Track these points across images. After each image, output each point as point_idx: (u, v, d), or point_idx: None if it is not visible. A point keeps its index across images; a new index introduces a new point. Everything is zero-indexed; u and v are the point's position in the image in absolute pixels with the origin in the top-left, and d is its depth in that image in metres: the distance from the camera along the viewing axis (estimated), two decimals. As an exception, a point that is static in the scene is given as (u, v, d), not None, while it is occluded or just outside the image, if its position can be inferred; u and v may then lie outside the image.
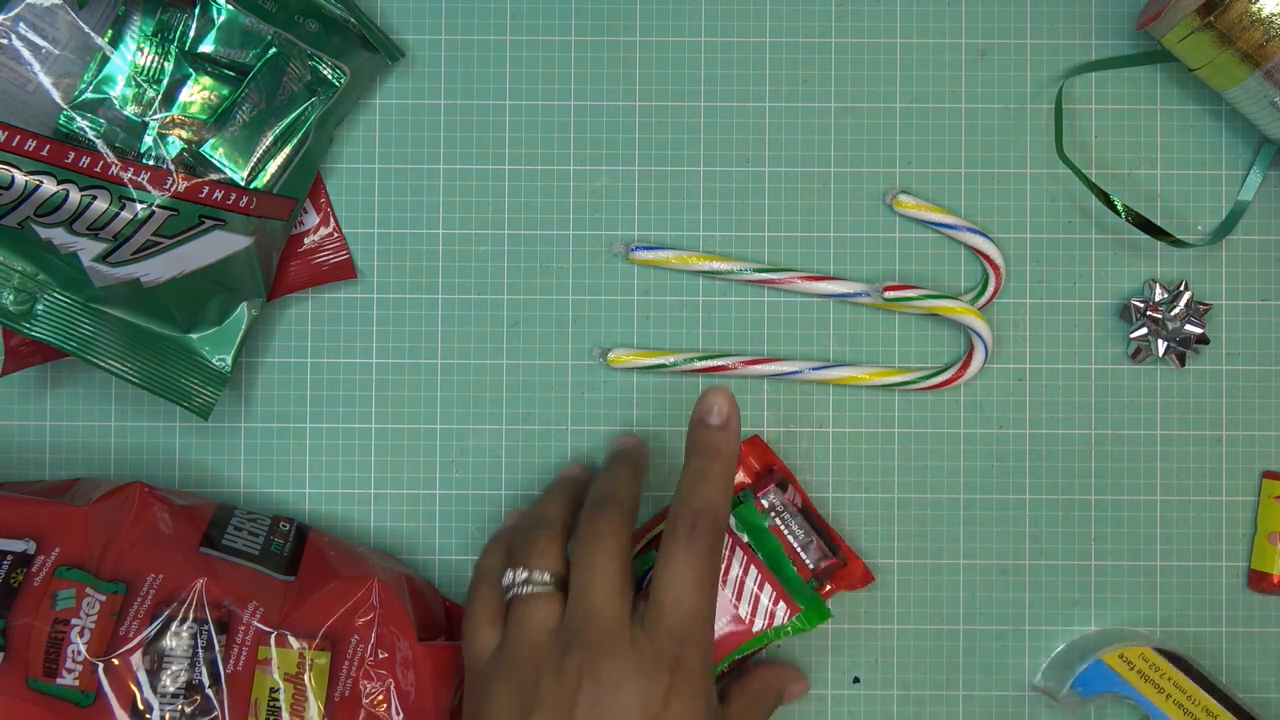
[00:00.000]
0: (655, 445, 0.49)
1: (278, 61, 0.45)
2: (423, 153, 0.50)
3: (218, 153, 0.45)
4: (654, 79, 0.49)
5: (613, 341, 0.49)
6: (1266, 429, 0.49)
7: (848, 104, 0.50)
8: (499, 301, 0.49)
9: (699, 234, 0.49)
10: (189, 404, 0.45)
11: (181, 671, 0.41)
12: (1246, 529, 0.49)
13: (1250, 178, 0.49)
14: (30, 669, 0.40)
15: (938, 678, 0.49)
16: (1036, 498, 0.50)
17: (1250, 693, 0.49)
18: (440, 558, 0.50)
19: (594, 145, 0.49)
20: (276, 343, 0.49)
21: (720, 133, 0.49)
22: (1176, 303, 0.49)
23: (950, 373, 0.49)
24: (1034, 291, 0.50)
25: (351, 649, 0.43)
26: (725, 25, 0.49)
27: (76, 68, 0.44)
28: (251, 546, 0.45)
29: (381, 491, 0.50)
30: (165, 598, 0.42)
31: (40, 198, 0.43)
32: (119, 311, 0.44)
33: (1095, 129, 0.50)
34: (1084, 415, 0.49)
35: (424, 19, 0.50)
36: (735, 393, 0.49)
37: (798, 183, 0.50)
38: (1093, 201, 0.50)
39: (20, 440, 0.49)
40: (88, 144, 0.43)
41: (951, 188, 0.50)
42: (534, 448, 0.49)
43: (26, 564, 0.42)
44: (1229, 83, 0.46)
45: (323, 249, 0.49)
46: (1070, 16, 0.49)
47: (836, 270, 0.50)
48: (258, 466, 0.49)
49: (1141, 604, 0.49)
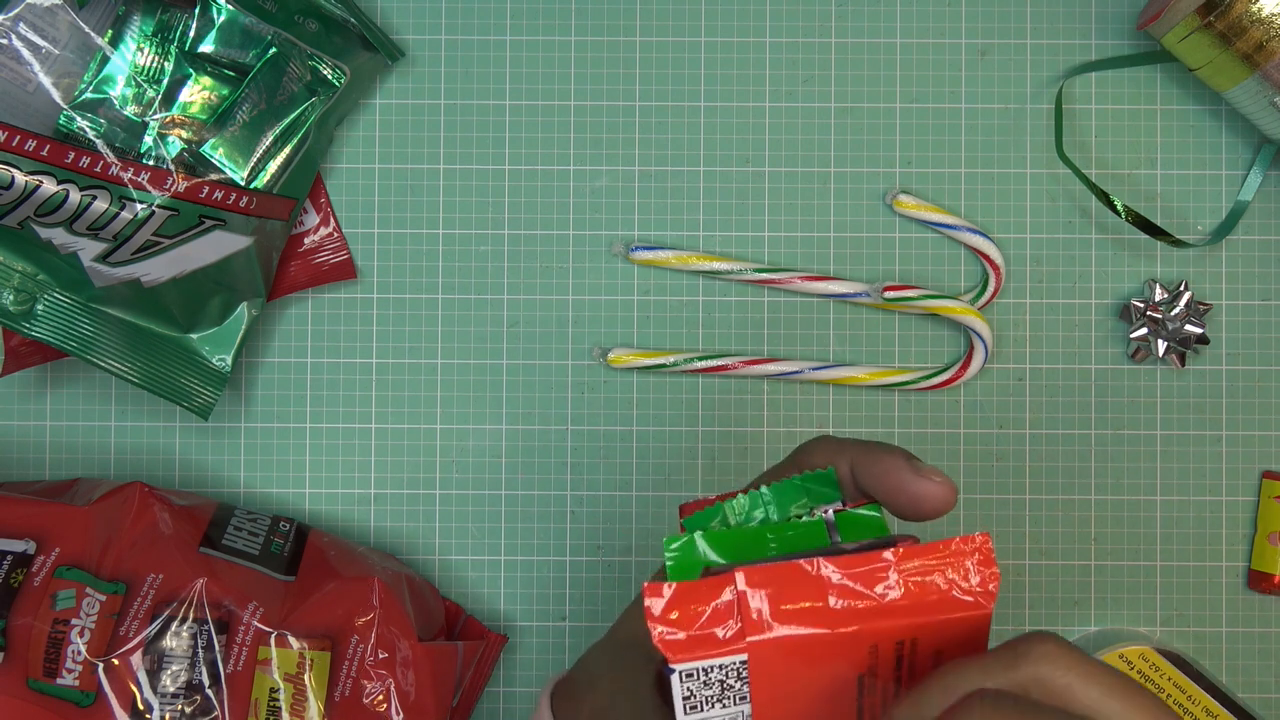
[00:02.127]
0: (655, 445, 0.49)
1: (278, 61, 0.45)
2: (423, 153, 0.50)
3: (218, 153, 0.45)
4: (654, 79, 0.49)
5: (613, 341, 0.49)
6: (1266, 429, 0.49)
7: (848, 104, 0.50)
8: (499, 301, 0.49)
9: (699, 234, 0.49)
10: (189, 404, 0.45)
11: (181, 671, 0.41)
12: (1246, 529, 0.49)
13: (1250, 178, 0.49)
14: (30, 669, 0.40)
15: (938, 678, 0.49)
16: (1036, 498, 0.50)
17: (1250, 693, 0.49)
18: (440, 558, 0.50)
19: (594, 145, 0.49)
20: (276, 343, 0.49)
21: (720, 133, 0.49)
22: (1176, 303, 0.49)
23: (950, 373, 0.49)
24: (1034, 291, 0.50)
25: (351, 649, 0.43)
26: (725, 25, 0.49)
27: (76, 68, 0.44)
28: (251, 546, 0.45)
29: (381, 491, 0.50)
30: (165, 598, 0.42)
31: (40, 198, 0.43)
32: (119, 311, 0.44)
33: (1095, 129, 0.50)
34: (1084, 415, 0.49)
35: (424, 19, 0.50)
36: (735, 393, 0.49)
37: (798, 183, 0.50)
38: (1093, 201, 0.50)
39: (20, 440, 0.49)
40: (88, 144, 0.43)
41: (951, 188, 0.50)
42: (534, 448, 0.49)
43: (26, 564, 0.42)
44: (1229, 83, 0.46)
45: (323, 249, 0.49)
46: (1070, 16, 0.49)
47: (836, 270, 0.50)
48: (258, 466, 0.49)
49: (1141, 604, 0.49)
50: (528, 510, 0.50)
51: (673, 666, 0.29)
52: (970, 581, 0.30)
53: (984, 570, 0.29)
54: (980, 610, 0.30)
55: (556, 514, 0.50)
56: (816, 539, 0.32)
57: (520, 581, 0.50)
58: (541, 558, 0.50)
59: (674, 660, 0.28)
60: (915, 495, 0.32)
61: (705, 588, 0.29)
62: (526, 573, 0.50)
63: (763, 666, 0.29)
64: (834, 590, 0.29)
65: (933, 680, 0.28)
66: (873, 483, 0.33)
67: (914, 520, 0.33)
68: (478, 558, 0.50)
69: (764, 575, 0.29)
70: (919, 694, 0.28)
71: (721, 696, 0.30)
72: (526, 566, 0.50)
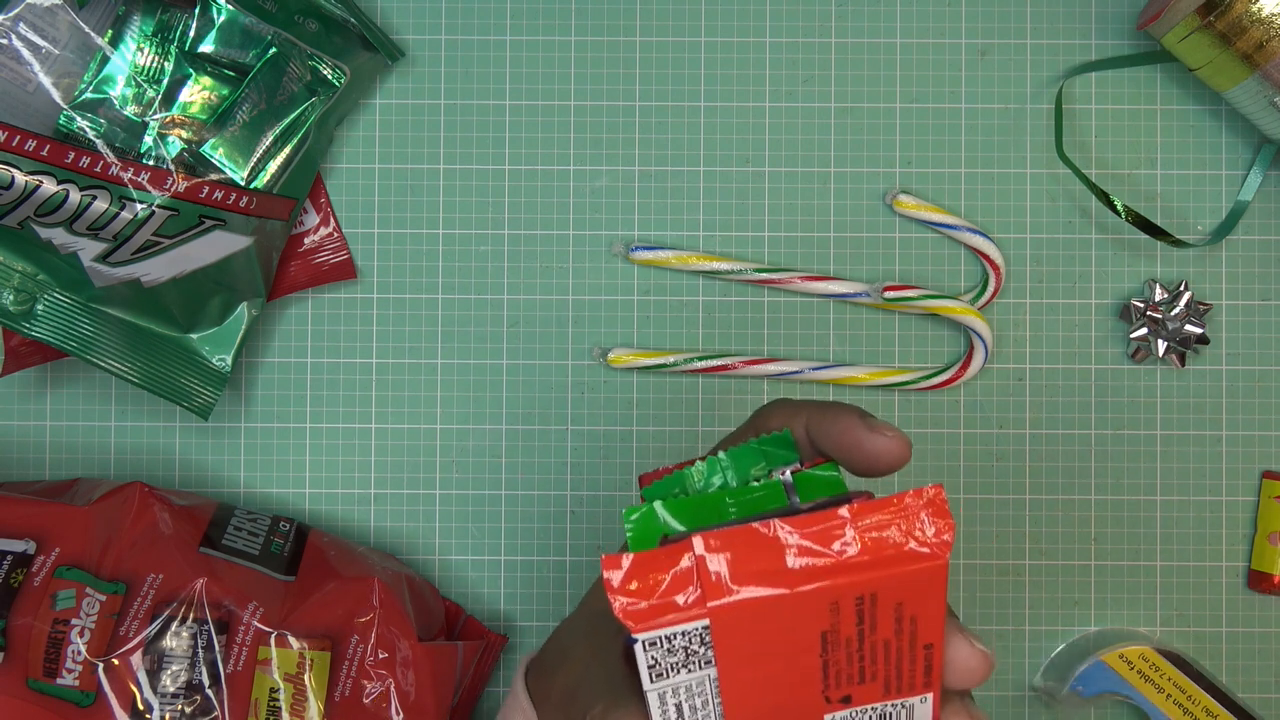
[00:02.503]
0: (655, 445, 0.49)
1: (278, 61, 0.45)
2: (423, 153, 0.50)
3: (218, 153, 0.45)
4: (654, 79, 0.49)
5: (613, 341, 0.49)
6: (1266, 429, 0.49)
7: (848, 104, 0.50)
8: (499, 301, 0.49)
9: (699, 234, 0.49)
10: (189, 404, 0.45)
11: (181, 671, 0.41)
12: (1246, 529, 0.49)
13: (1250, 178, 0.49)
14: (30, 669, 0.40)
15: (938, 678, 0.49)
16: (1036, 498, 0.50)
17: (1250, 693, 0.49)
18: (440, 558, 0.50)
19: (594, 145, 0.49)
20: (276, 343, 0.49)
21: (720, 133, 0.49)
22: (1176, 303, 0.49)
23: (950, 373, 0.49)
24: (1034, 291, 0.50)
25: (351, 649, 0.43)
26: (725, 25, 0.49)
27: (76, 68, 0.44)
28: (251, 546, 0.45)
29: (381, 491, 0.50)
30: (165, 598, 0.42)
31: (40, 198, 0.43)
32: (119, 311, 0.44)
33: (1095, 129, 0.50)
34: (1084, 415, 0.49)
35: (424, 19, 0.50)
36: (735, 393, 0.49)
37: (798, 183, 0.50)
38: (1093, 201, 0.50)
39: (20, 440, 0.49)
40: (88, 144, 0.43)
41: (951, 188, 0.50)
42: (534, 448, 0.49)
43: (26, 564, 0.42)
44: (1229, 83, 0.46)
45: (323, 249, 0.49)
46: (1070, 16, 0.49)
47: (836, 270, 0.50)
48: (258, 466, 0.49)
49: (1141, 604, 0.49)
50: (528, 510, 0.50)
51: (635, 636, 0.29)
52: (926, 533, 0.30)
53: (938, 521, 0.30)
54: (937, 560, 0.30)
55: (556, 514, 0.50)
56: (775, 501, 0.33)
57: (520, 581, 0.50)
58: (541, 558, 0.50)
59: (636, 630, 0.29)
60: (870, 452, 0.33)
61: (663, 556, 0.29)
62: (526, 573, 0.50)
63: (725, 630, 0.30)
64: (792, 550, 0.30)
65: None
66: (828, 442, 0.33)
67: (870, 476, 0.33)
68: (478, 558, 0.50)
69: (721, 539, 0.29)
70: None
71: (686, 662, 0.30)
72: (526, 566, 0.50)
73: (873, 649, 0.32)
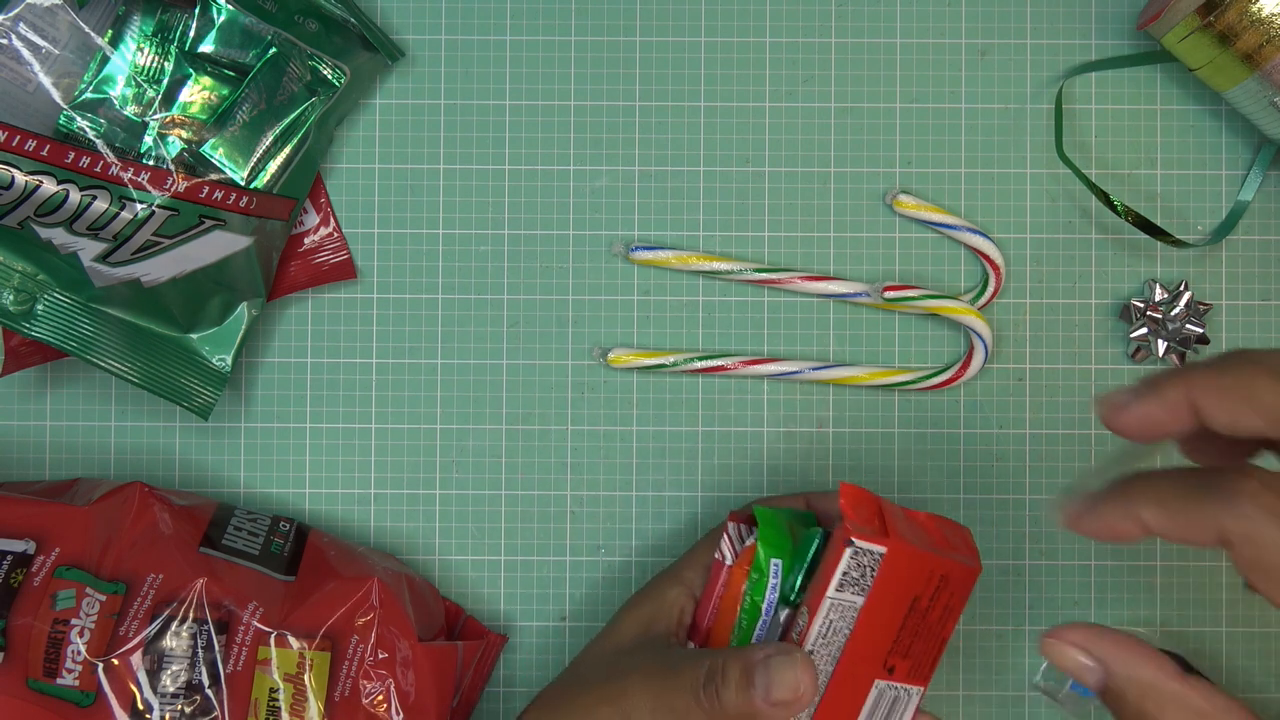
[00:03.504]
0: (655, 445, 0.49)
1: (278, 61, 0.45)
2: (423, 153, 0.50)
3: (218, 153, 0.45)
4: (654, 79, 0.49)
5: (613, 341, 0.49)
6: (1266, 429, 0.49)
7: (848, 104, 0.50)
8: (499, 301, 0.49)
9: (699, 234, 0.49)
10: (189, 404, 0.45)
11: (181, 671, 0.41)
12: (1246, 529, 0.49)
13: (1250, 178, 0.49)
14: (30, 669, 0.40)
15: (937, 677, 0.49)
16: (1036, 498, 0.50)
17: (1250, 693, 0.49)
18: (440, 558, 0.50)
19: (594, 145, 0.49)
20: (276, 343, 0.49)
21: (720, 133, 0.49)
22: (1176, 303, 0.49)
23: (950, 373, 0.49)
24: (1034, 291, 0.50)
25: (351, 649, 0.43)
26: (725, 25, 0.49)
27: (76, 68, 0.44)
28: (251, 546, 0.45)
29: (381, 491, 0.50)
30: (165, 598, 0.42)
31: (40, 198, 0.43)
32: (119, 311, 0.44)
33: (1095, 129, 0.50)
34: (1084, 415, 0.49)
35: (424, 19, 0.50)
36: (735, 393, 0.49)
37: (798, 183, 0.50)
38: (1093, 201, 0.50)
39: (20, 440, 0.49)
40: (88, 144, 0.43)
41: (951, 188, 0.50)
42: (534, 448, 0.49)
43: (26, 564, 0.42)
44: (1229, 83, 0.46)
45: (323, 249, 0.49)
46: (1070, 16, 0.49)
47: (836, 270, 0.50)
48: (258, 466, 0.49)
49: (1141, 604, 0.49)
50: (528, 510, 0.50)
51: (853, 540, 0.36)
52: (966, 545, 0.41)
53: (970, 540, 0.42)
54: (978, 569, 0.40)
55: (556, 514, 0.50)
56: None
57: (520, 581, 0.50)
58: (541, 558, 0.50)
59: (856, 535, 0.37)
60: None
61: (865, 499, 0.38)
62: (526, 573, 0.50)
63: (891, 563, 0.37)
64: (923, 524, 0.40)
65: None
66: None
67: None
68: (478, 558, 0.50)
69: (889, 507, 0.39)
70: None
71: (858, 581, 0.37)
72: (526, 566, 0.50)
73: (925, 627, 0.39)
